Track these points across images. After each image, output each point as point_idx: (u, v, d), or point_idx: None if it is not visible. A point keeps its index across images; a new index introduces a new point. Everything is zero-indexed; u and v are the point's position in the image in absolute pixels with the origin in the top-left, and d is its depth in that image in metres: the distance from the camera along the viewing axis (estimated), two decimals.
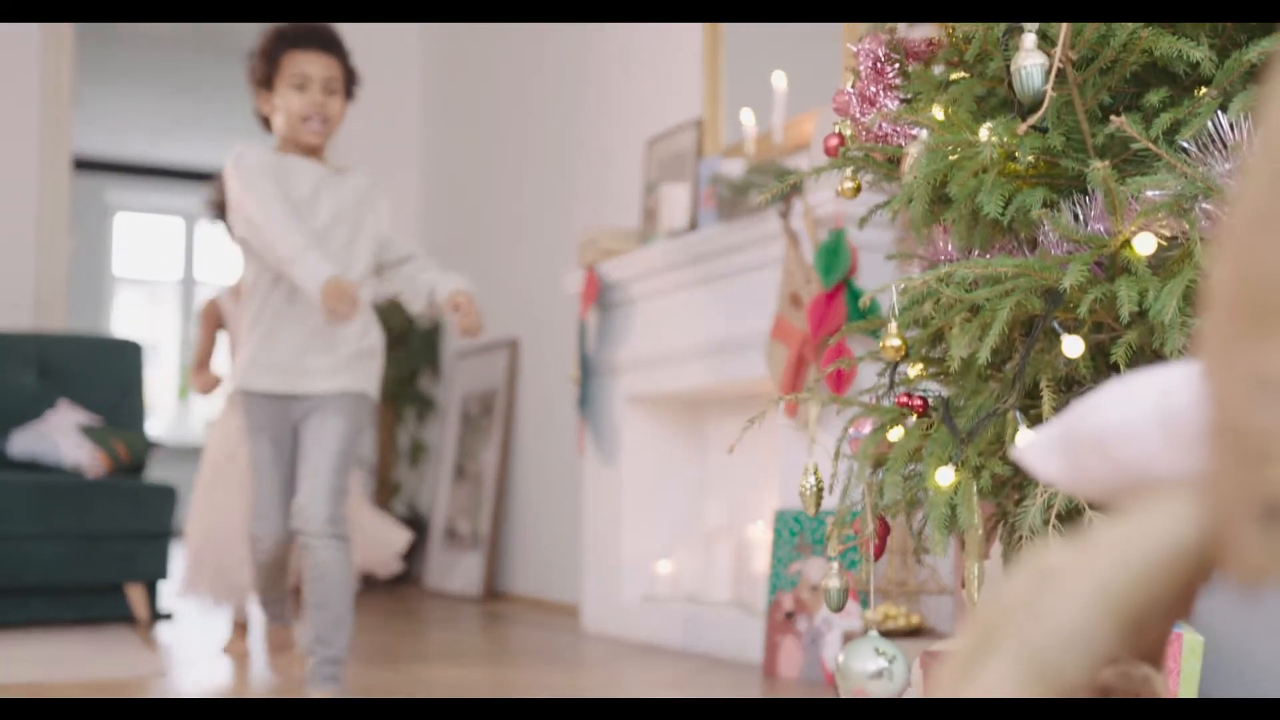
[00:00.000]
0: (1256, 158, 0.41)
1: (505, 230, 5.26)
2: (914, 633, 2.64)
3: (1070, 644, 0.44)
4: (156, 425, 8.64)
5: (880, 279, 2.82)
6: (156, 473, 5.31)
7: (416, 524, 5.46)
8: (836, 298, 2.87)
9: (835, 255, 2.86)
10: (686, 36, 3.97)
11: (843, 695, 1.47)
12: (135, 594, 4.00)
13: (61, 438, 4.27)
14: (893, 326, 1.46)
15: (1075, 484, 0.75)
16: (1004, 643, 0.47)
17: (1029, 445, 0.80)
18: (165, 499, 4.20)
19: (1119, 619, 0.44)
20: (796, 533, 2.97)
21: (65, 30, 5.40)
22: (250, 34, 7.09)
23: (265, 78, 2.69)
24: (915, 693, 1.58)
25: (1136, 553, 0.44)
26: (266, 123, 2.77)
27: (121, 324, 9.07)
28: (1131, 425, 0.64)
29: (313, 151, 2.70)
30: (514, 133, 5.17)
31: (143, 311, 9.31)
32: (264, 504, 2.57)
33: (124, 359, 4.79)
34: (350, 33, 5.95)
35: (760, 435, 3.17)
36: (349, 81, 2.75)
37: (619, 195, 4.33)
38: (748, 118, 3.45)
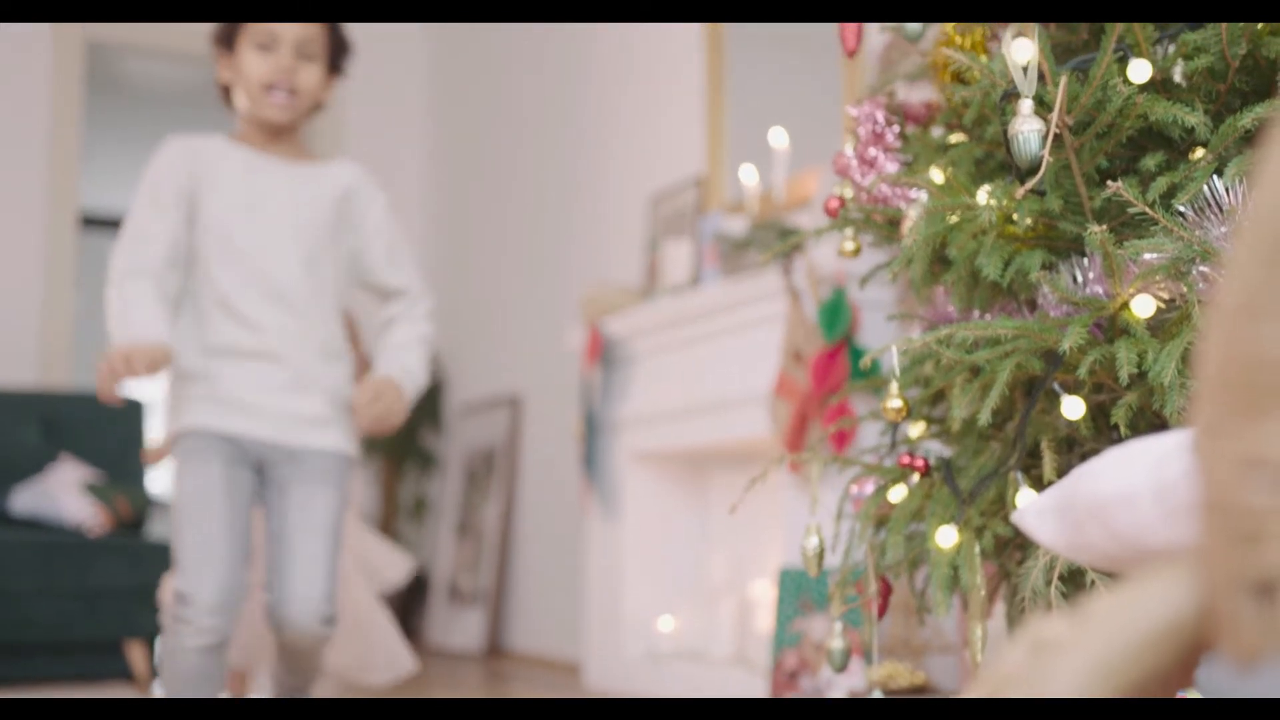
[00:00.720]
0: (1241, 242, 0.42)
1: (508, 287, 5.28)
2: (918, 691, 2.62)
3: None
4: (157, 482, 8.64)
5: (882, 336, 2.83)
6: (157, 529, 5.30)
7: (418, 580, 5.44)
8: (838, 355, 2.88)
9: (837, 313, 2.87)
10: (687, 93, 4.01)
11: None
12: (135, 651, 3.99)
13: (63, 494, 4.27)
14: (894, 388, 1.47)
15: (1074, 550, 0.76)
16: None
17: (1028, 511, 0.81)
18: (165, 556, 4.20)
19: (1114, 692, 0.44)
20: (800, 590, 2.96)
21: (74, 87, 5.45)
22: None
23: (226, 35, 2.08)
24: None
25: (1132, 627, 0.44)
26: (227, 95, 2.17)
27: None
28: (1128, 495, 0.65)
29: (279, 134, 2.16)
30: (516, 190, 5.21)
31: None
32: (203, 551, 1.94)
33: (126, 416, 4.80)
34: (352, 92, 6.01)
35: (763, 492, 3.17)
36: (334, 51, 2.16)
37: (621, 252, 4.35)
38: (749, 175, 3.48)
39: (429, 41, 6.22)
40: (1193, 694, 1.15)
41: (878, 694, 1.50)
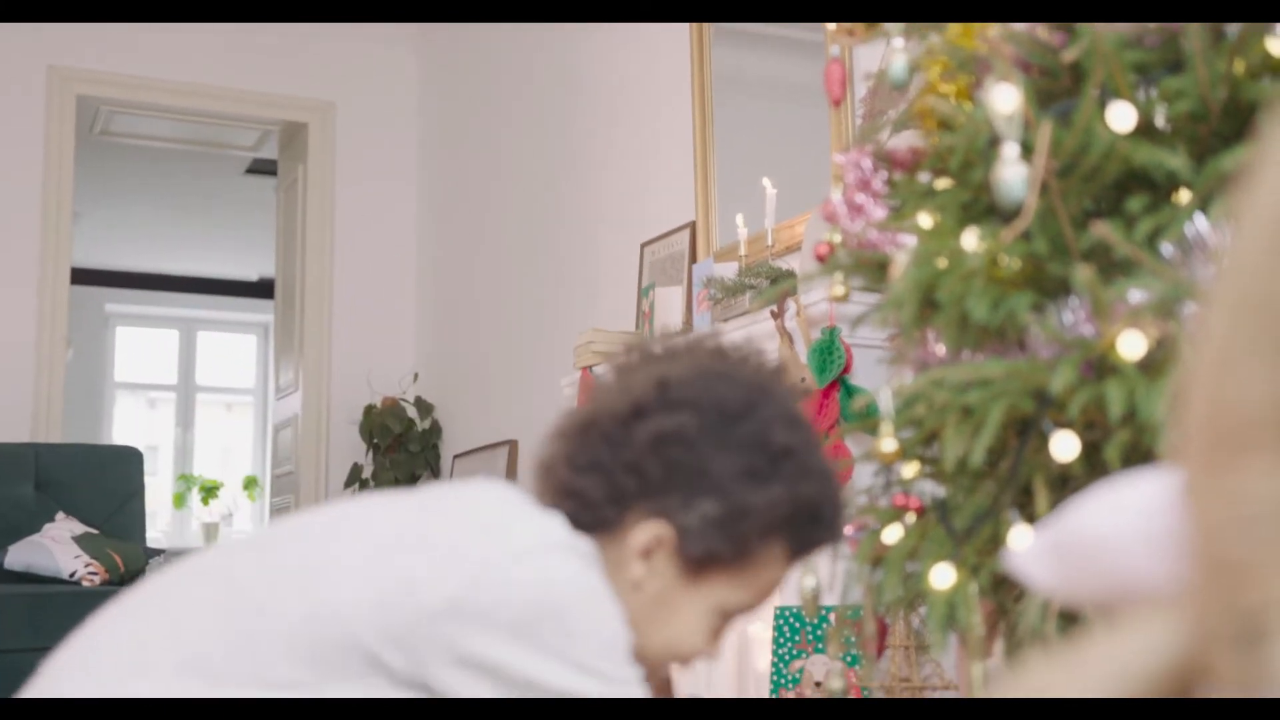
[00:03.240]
0: (1218, 290, 0.44)
1: (502, 334, 5.30)
2: None
3: None
4: (154, 531, 8.61)
5: (874, 376, 2.85)
6: None
7: None
8: (831, 395, 2.90)
9: (829, 354, 2.89)
10: (678, 142, 4.04)
11: None
12: None
13: (58, 548, 4.27)
14: (887, 428, 1.48)
15: (1067, 592, 0.77)
16: None
17: (1020, 554, 0.82)
18: None
19: None
20: (798, 630, 2.96)
21: (67, 143, 5.48)
22: (244, 152, 7.19)
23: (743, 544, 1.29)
24: None
25: (1124, 670, 0.46)
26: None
27: (121, 431, 9.08)
28: (1118, 536, 0.66)
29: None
30: (509, 238, 5.24)
31: (142, 419, 9.33)
32: None
33: (123, 467, 4.80)
34: (341, 149, 6.04)
35: None
36: None
37: (614, 298, 4.38)
38: (740, 222, 3.51)
39: (420, 86, 6.26)
40: None
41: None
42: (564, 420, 1.35)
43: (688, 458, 1.25)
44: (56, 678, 1.21)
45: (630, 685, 1.17)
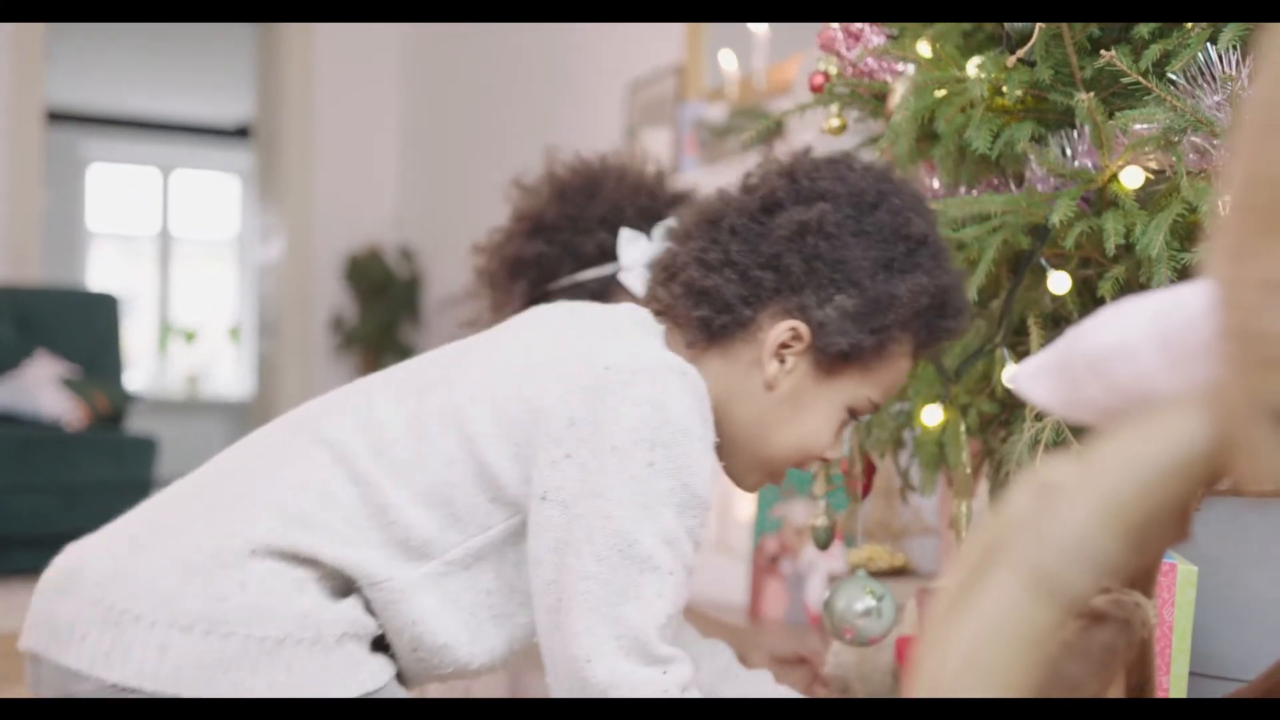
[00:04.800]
0: (1265, 61, 0.41)
1: (484, 177, 5.24)
2: (898, 573, 2.65)
3: (1076, 557, 0.44)
4: (135, 378, 8.61)
5: None
6: (135, 425, 5.29)
7: None
8: None
9: None
10: None
11: (830, 634, 1.48)
12: None
13: (40, 390, 4.25)
14: None
15: (1070, 408, 0.75)
16: (1006, 560, 0.47)
17: (1022, 372, 0.80)
18: (146, 451, 4.19)
19: (1126, 530, 0.43)
20: None
21: None
22: None
23: (881, 338, 1.24)
24: (910, 631, 1.58)
25: (1143, 463, 0.44)
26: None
27: (98, 278, 9.01)
28: (1128, 345, 0.64)
29: None
30: (492, 79, 5.14)
31: (119, 265, 9.25)
32: None
33: (101, 312, 4.77)
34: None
35: None
36: None
37: (599, 140, 4.31)
38: (728, 61, 3.43)
39: None
40: (1184, 562, 1.16)
41: (862, 573, 1.50)
42: (681, 218, 1.30)
43: (828, 249, 1.19)
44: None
45: (675, 574, 1.12)
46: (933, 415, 1.45)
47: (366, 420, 1.18)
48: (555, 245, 1.72)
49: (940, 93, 1.37)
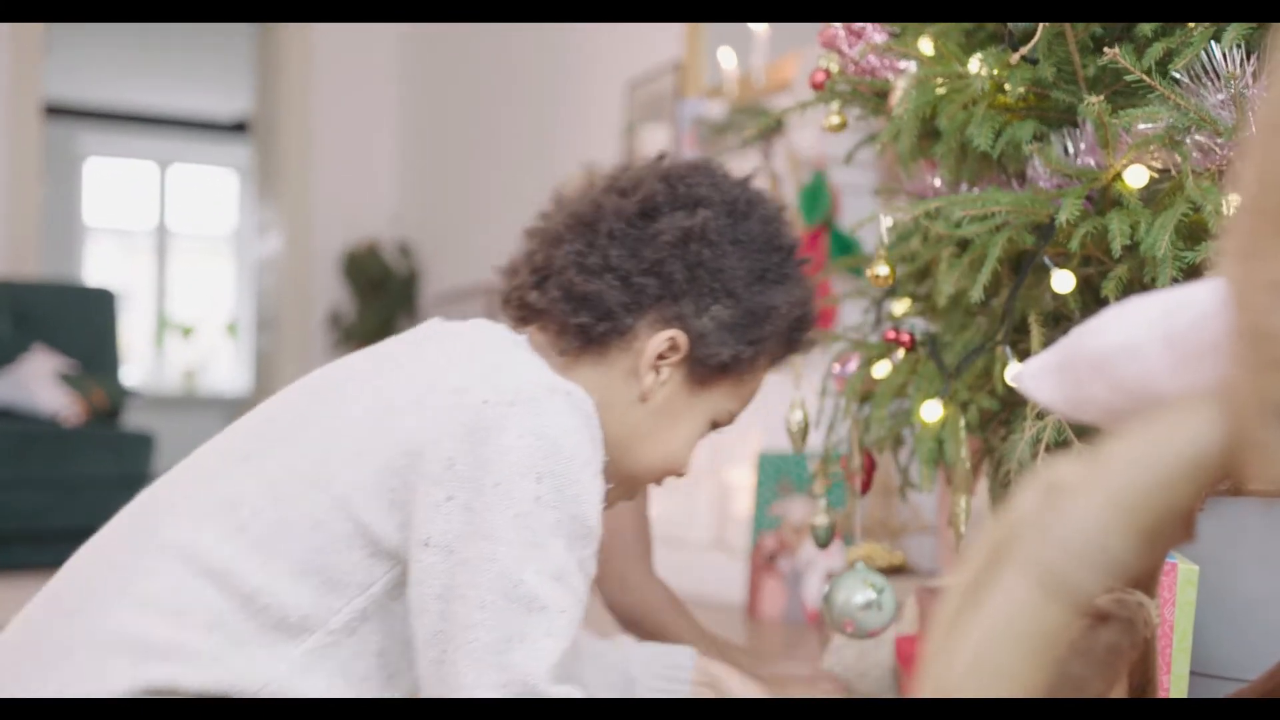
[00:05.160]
0: (1275, 61, 0.41)
1: (484, 174, 5.23)
2: (896, 571, 2.65)
3: (1086, 558, 0.43)
4: (132, 374, 8.60)
5: (861, 220, 2.81)
6: (132, 420, 5.29)
7: None
8: (818, 238, 2.86)
9: (816, 196, 2.85)
10: None
11: (830, 628, 1.48)
12: None
13: (37, 385, 4.24)
14: (880, 254, 1.45)
15: (1074, 407, 0.75)
16: (1015, 559, 0.47)
17: (1026, 371, 0.80)
18: (143, 446, 4.19)
19: (1137, 530, 0.43)
20: (779, 474, 2.98)
21: None
22: None
23: (757, 348, 1.25)
24: (910, 630, 1.58)
25: (1152, 462, 0.43)
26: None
27: (95, 273, 9.00)
28: (1133, 344, 0.64)
29: None
30: (493, 76, 5.13)
31: (116, 260, 9.23)
32: None
33: (98, 307, 4.76)
34: None
35: None
36: None
37: (599, 138, 4.30)
38: (727, 58, 3.42)
39: None
40: (1184, 561, 1.16)
41: (861, 566, 1.50)
42: (550, 222, 1.23)
43: (710, 257, 1.17)
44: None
45: (566, 611, 1.04)
46: (932, 411, 1.45)
47: (215, 502, 1.08)
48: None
49: (941, 90, 1.37)
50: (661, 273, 1.17)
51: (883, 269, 1.40)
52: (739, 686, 1.42)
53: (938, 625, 0.48)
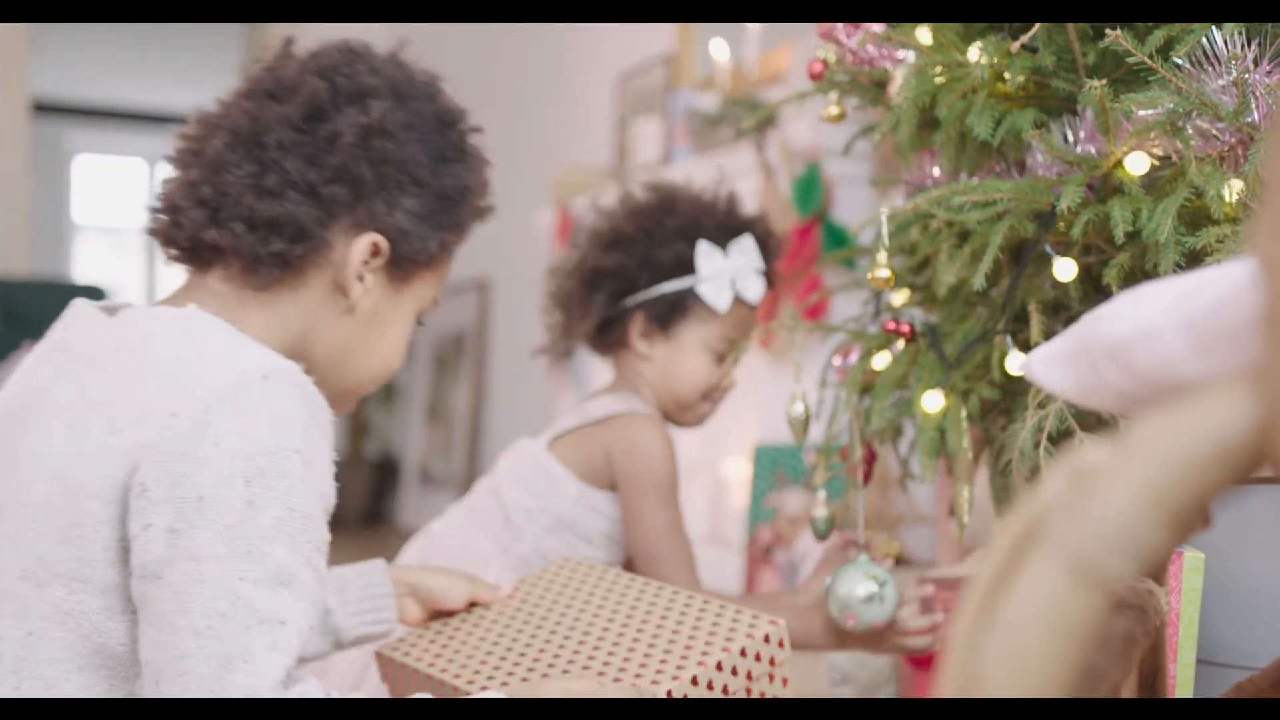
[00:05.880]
0: None
1: None
2: (895, 561, 2.65)
3: (1117, 542, 0.43)
4: None
5: (855, 212, 2.81)
6: None
7: (389, 464, 5.44)
8: (811, 231, 2.86)
9: (810, 188, 2.84)
10: None
11: (832, 621, 1.47)
12: None
13: None
14: (881, 257, 1.44)
15: (1087, 394, 0.74)
16: (1044, 545, 0.46)
17: (1035, 359, 0.79)
18: None
19: (1168, 515, 0.42)
20: (775, 466, 2.97)
21: None
22: None
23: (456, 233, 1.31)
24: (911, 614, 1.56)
25: (1185, 447, 0.43)
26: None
27: (84, 270, 8.96)
28: (1150, 329, 0.63)
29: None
30: (483, 70, 5.12)
31: (106, 257, 9.20)
32: None
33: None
34: None
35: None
36: None
37: (591, 131, 4.29)
38: (719, 50, 3.42)
39: None
40: (1190, 549, 1.16)
41: (863, 559, 1.50)
42: (200, 144, 1.11)
43: (394, 150, 1.10)
44: None
45: (292, 620, 0.96)
46: (933, 401, 1.44)
47: None
48: (633, 257, 1.69)
49: (941, 79, 1.37)
50: (349, 177, 1.09)
51: (884, 271, 1.39)
52: (440, 585, 1.33)
53: (963, 616, 0.47)
